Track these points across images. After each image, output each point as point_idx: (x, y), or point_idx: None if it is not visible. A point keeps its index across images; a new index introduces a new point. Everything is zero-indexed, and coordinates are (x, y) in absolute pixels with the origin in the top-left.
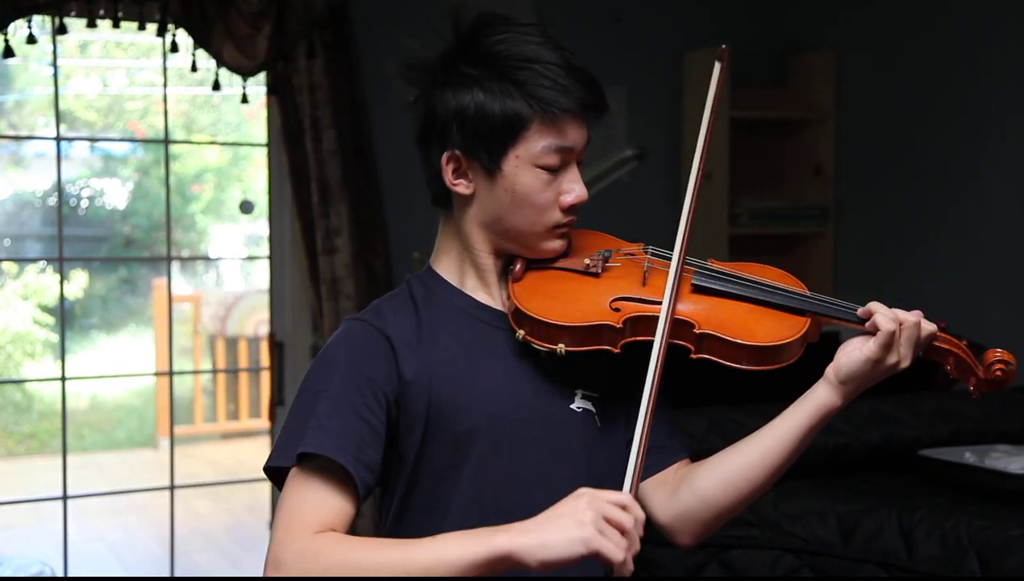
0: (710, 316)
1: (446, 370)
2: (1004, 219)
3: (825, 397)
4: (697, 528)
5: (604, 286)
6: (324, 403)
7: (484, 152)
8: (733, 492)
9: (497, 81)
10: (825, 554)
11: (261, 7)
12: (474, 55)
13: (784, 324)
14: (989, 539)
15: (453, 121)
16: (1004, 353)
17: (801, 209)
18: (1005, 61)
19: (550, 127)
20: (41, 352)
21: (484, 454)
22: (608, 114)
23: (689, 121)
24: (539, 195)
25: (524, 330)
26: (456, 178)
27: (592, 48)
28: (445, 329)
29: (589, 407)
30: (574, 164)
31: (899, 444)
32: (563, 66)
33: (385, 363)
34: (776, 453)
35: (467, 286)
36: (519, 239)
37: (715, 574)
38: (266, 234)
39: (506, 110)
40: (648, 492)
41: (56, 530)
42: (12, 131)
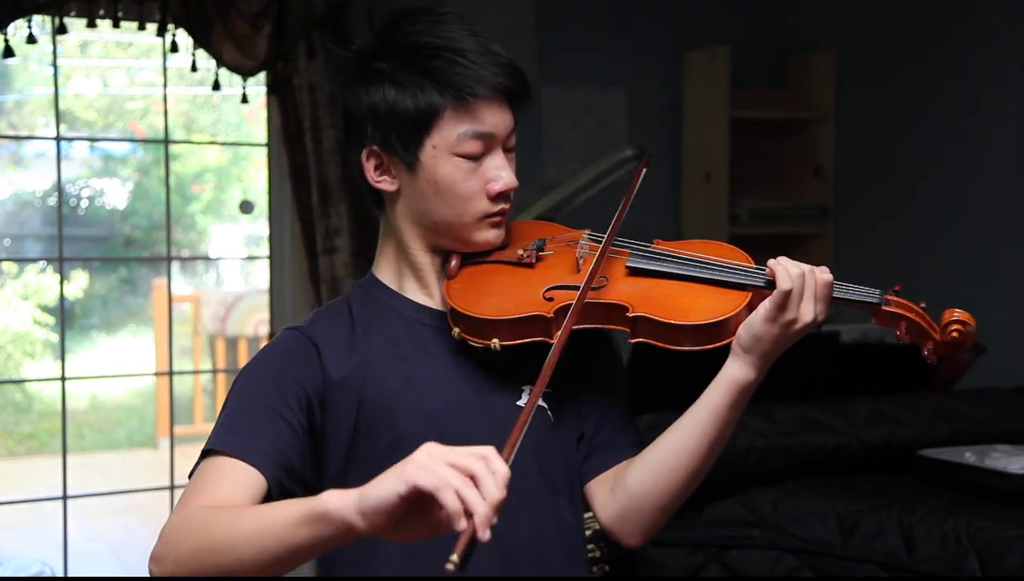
0: (644, 298)
1: (380, 373)
2: (1004, 219)
3: (735, 371)
4: (639, 526)
5: (538, 276)
6: (239, 403)
7: (400, 145)
8: (664, 483)
9: (407, 73)
10: (825, 554)
11: (261, 7)
12: (386, 49)
13: (723, 300)
14: (989, 539)
15: (368, 118)
16: (962, 313)
17: (801, 209)
18: (1005, 61)
19: (464, 113)
20: (41, 352)
21: None
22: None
23: (689, 121)
24: (462, 184)
25: (459, 328)
26: (379, 175)
27: (592, 48)
28: (381, 334)
29: (539, 402)
30: (499, 150)
31: (899, 444)
32: (478, 51)
33: (309, 365)
34: (698, 437)
35: (406, 289)
36: (450, 232)
37: (715, 574)
38: (266, 234)
39: (417, 100)
40: (592, 493)
41: (56, 530)
42: (12, 131)
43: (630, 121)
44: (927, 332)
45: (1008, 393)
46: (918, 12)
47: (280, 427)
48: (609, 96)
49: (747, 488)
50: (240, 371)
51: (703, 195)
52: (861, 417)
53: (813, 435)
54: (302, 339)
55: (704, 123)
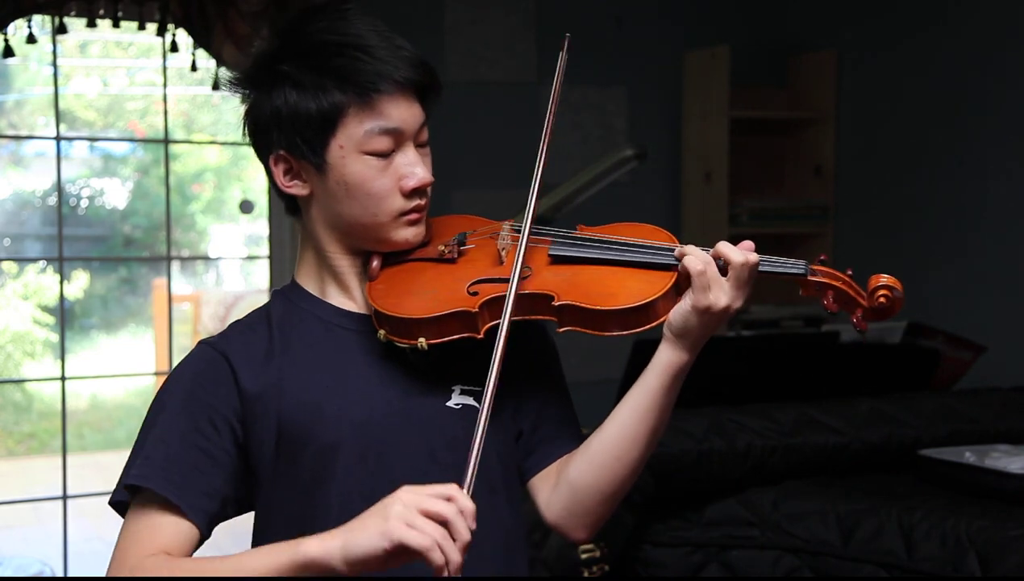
0: (569, 285)
1: (300, 383)
2: (1004, 218)
3: (668, 355)
4: (584, 519)
5: (460, 271)
6: (154, 433)
7: (307, 148)
8: (606, 473)
9: (308, 73)
10: (825, 554)
11: (261, 7)
12: (288, 50)
13: (647, 282)
14: (989, 539)
15: (272, 123)
16: (889, 278)
17: (801, 209)
18: (1005, 61)
19: (368, 110)
20: (41, 352)
21: (351, 464)
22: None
23: (689, 121)
24: (373, 183)
25: (385, 329)
26: (289, 181)
27: (592, 48)
28: (302, 342)
29: (470, 402)
30: (410, 145)
31: (899, 444)
32: (382, 47)
33: (222, 386)
34: (636, 423)
35: (328, 294)
36: (366, 233)
37: (715, 574)
38: (266, 234)
39: (320, 101)
40: (536, 489)
41: (56, 530)
42: (12, 131)
43: (630, 121)
44: (854, 299)
45: (1008, 393)
46: (918, 12)
47: (198, 458)
48: (609, 96)
49: (747, 488)
50: (155, 396)
51: (703, 195)
52: (861, 417)
53: (813, 435)
54: (213, 355)
55: (704, 123)
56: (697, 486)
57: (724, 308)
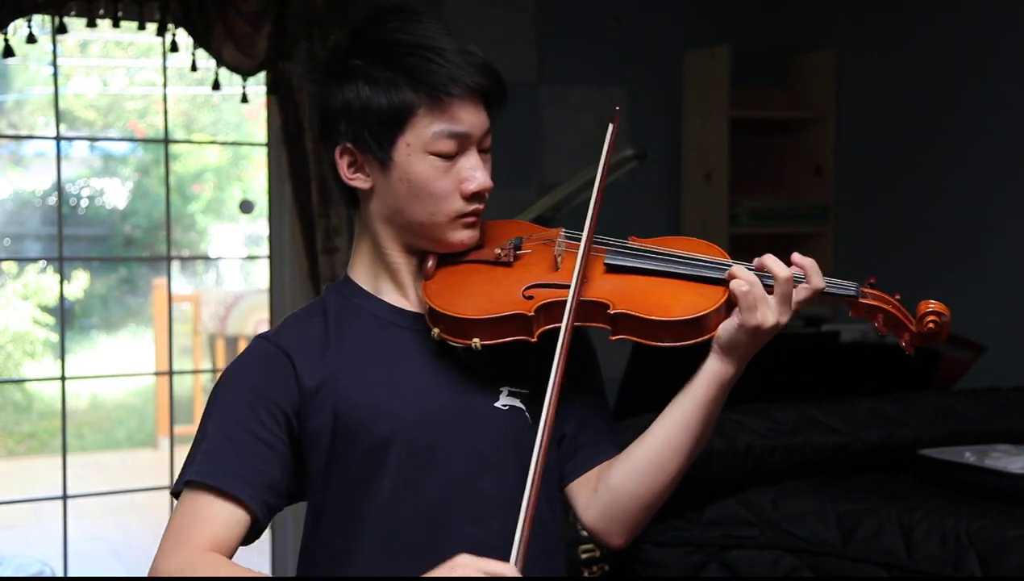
0: (624, 295)
1: (355, 378)
2: (1005, 218)
3: (715, 367)
4: (623, 525)
5: (516, 275)
6: (214, 426)
7: (374, 142)
8: (648, 480)
9: (382, 70)
10: (825, 554)
11: (261, 7)
12: (362, 47)
13: (701, 295)
14: (989, 539)
15: (342, 115)
16: (937, 304)
17: (801, 209)
18: (1006, 61)
19: (439, 112)
20: (41, 352)
21: (402, 460)
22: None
23: (689, 121)
24: (436, 183)
25: (439, 328)
26: (352, 173)
27: (592, 48)
28: (356, 337)
29: (517, 404)
30: (474, 150)
31: (899, 444)
32: (454, 51)
33: (281, 378)
34: (681, 433)
35: (382, 291)
36: (423, 232)
37: (715, 574)
38: (266, 234)
39: (391, 98)
40: (574, 494)
41: (56, 530)
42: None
43: (630, 121)
44: (904, 323)
45: (1008, 393)
46: (918, 12)
47: (259, 449)
48: (609, 96)
49: (747, 488)
50: (213, 389)
51: (703, 195)
52: (861, 417)
53: (813, 435)
54: (272, 350)
55: (704, 123)
56: (697, 486)
57: (772, 326)
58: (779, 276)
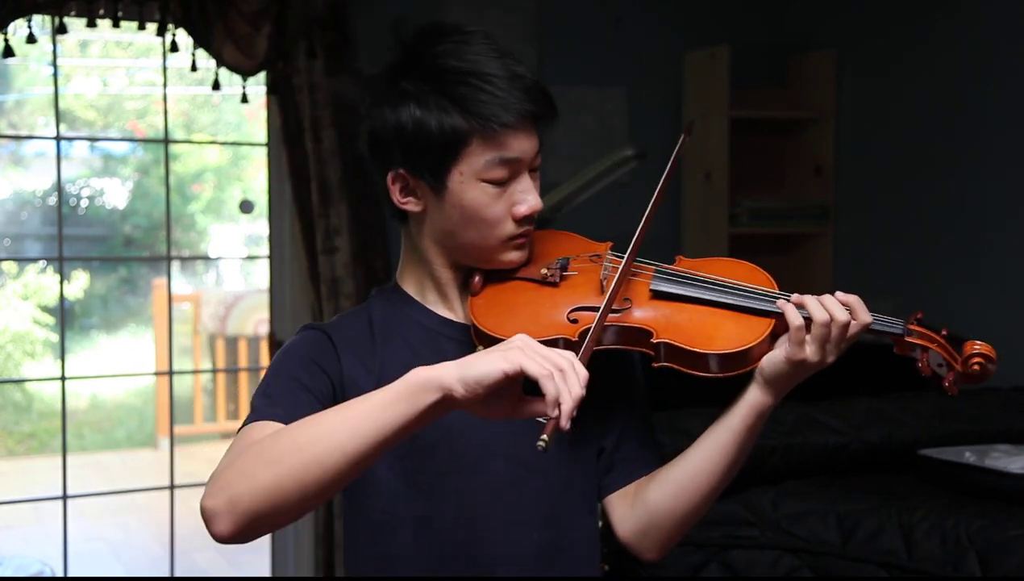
0: (668, 323)
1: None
2: (1004, 218)
3: (756, 397)
4: (657, 541)
5: (561, 296)
6: (272, 383)
7: (427, 170)
8: (684, 500)
9: (434, 96)
10: (825, 554)
11: (261, 7)
12: (414, 69)
13: (746, 328)
14: (989, 539)
15: (394, 140)
16: (983, 346)
17: (801, 209)
18: (1006, 61)
19: (491, 142)
20: (41, 352)
21: (445, 466)
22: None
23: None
24: (489, 209)
25: (483, 345)
26: (404, 197)
27: (592, 48)
28: (402, 342)
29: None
30: (525, 174)
31: (899, 444)
32: (504, 76)
33: (330, 357)
34: (718, 457)
35: (428, 300)
36: (474, 254)
37: (715, 574)
38: (266, 234)
39: (444, 127)
40: (611, 506)
41: (56, 530)
42: (12, 131)
43: (630, 121)
44: (948, 362)
45: (1008, 393)
46: (918, 12)
47: (311, 400)
48: (609, 96)
49: (747, 488)
50: (270, 364)
51: (703, 195)
52: (861, 417)
53: (813, 435)
54: (322, 335)
55: (704, 123)
56: None
57: (817, 363)
58: (837, 319)
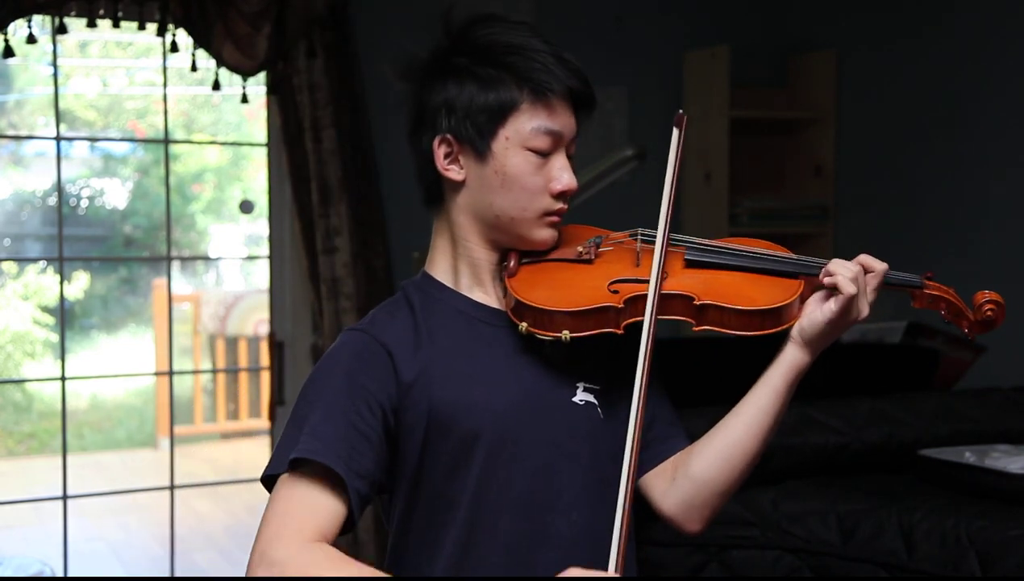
0: (708, 288)
1: (446, 371)
2: (1004, 218)
3: (795, 356)
4: (702, 512)
5: (599, 271)
6: (318, 412)
7: (475, 133)
8: (728, 468)
9: (486, 67)
10: (825, 554)
11: (261, 7)
12: (464, 47)
13: (779, 287)
14: (989, 539)
15: (443, 108)
16: (992, 294)
17: (801, 209)
18: (1006, 61)
19: (540, 108)
20: (41, 352)
21: (490, 451)
22: (606, 114)
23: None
24: (529, 178)
25: (527, 322)
26: (448, 163)
27: (592, 48)
28: (444, 331)
29: (591, 399)
30: (563, 152)
31: (899, 444)
32: (551, 54)
33: (381, 371)
34: (761, 419)
35: (462, 286)
36: (510, 227)
37: (715, 574)
38: (266, 234)
39: (498, 92)
40: (649, 484)
41: (56, 530)
42: (12, 131)
43: (630, 121)
44: (963, 312)
45: (1008, 393)
46: (918, 12)
47: (357, 438)
48: (609, 96)
49: (747, 488)
50: (308, 379)
51: (703, 195)
52: (861, 417)
53: (813, 435)
54: (371, 342)
55: (704, 123)
56: None
57: (864, 316)
58: (876, 269)
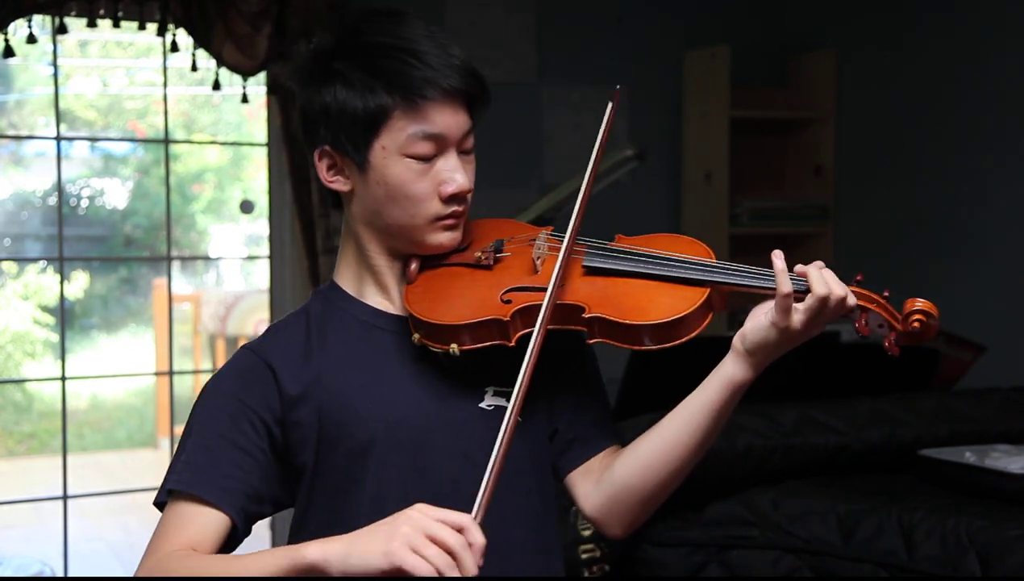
0: (601, 297)
1: (337, 382)
2: (1004, 218)
3: (734, 370)
4: (624, 517)
5: (495, 278)
6: (195, 437)
7: (351, 146)
8: (652, 476)
9: (360, 72)
10: (825, 554)
11: (261, 7)
12: (343, 49)
13: (679, 297)
14: (989, 539)
15: (321, 118)
16: (924, 303)
17: (801, 209)
18: (1006, 61)
19: (413, 114)
20: (41, 352)
21: (384, 464)
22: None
23: (689, 121)
24: (413, 186)
25: (419, 333)
26: (332, 176)
27: (592, 48)
28: (339, 341)
29: (502, 403)
30: (453, 152)
31: (899, 444)
32: (434, 54)
33: (263, 387)
34: (691, 433)
35: (366, 294)
36: (403, 234)
37: (715, 574)
38: (266, 234)
39: (367, 101)
40: (574, 484)
41: (56, 530)
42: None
43: (630, 121)
44: (889, 322)
45: (1008, 393)
46: (918, 12)
47: (238, 457)
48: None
49: (747, 488)
50: (195, 401)
51: (703, 195)
52: (861, 417)
53: (813, 435)
54: (254, 360)
55: (704, 123)
56: (697, 486)
57: (799, 333)
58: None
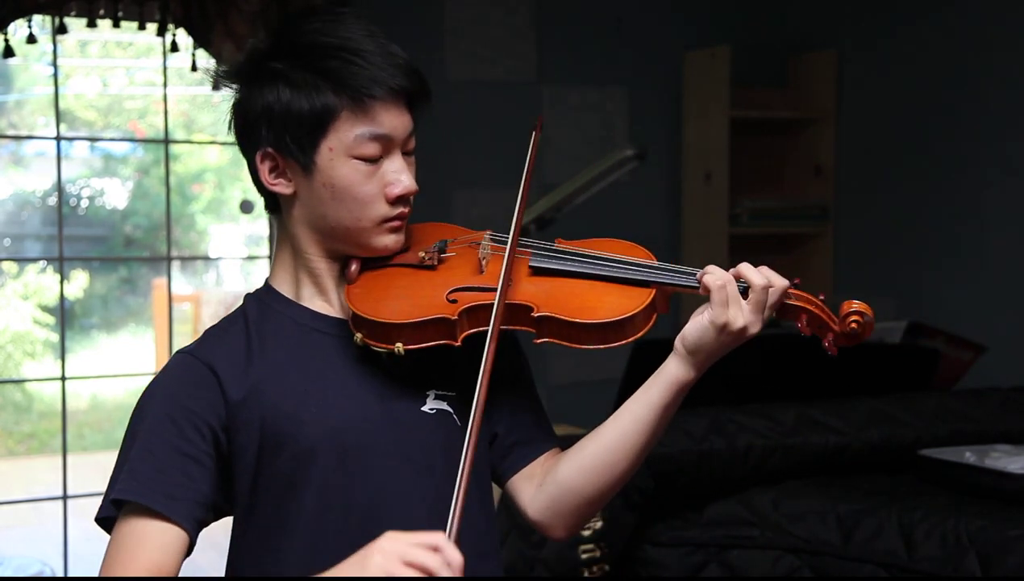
0: (548, 298)
1: (278, 387)
2: (1004, 218)
3: (676, 371)
4: (567, 520)
5: (440, 278)
6: (137, 445)
7: (296, 147)
8: (595, 478)
9: (303, 73)
10: (825, 554)
11: (261, 7)
12: (282, 49)
13: (626, 297)
14: (989, 539)
15: (262, 119)
16: (860, 304)
17: (801, 209)
18: (1006, 61)
19: (360, 115)
20: (41, 352)
21: (327, 469)
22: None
23: (689, 121)
24: (360, 187)
25: (362, 333)
26: (274, 178)
27: (592, 48)
28: (278, 345)
29: (444, 407)
30: (398, 153)
31: (899, 444)
32: (376, 52)
33: (206, 392)
34: (633, 434)
35: (303, 297)
36: (348, 237)
37: (715, 574)
38: (266, 234)
39: (313, 101)
40: (517, 488)
41: (56, 530)
42: (12, 131)
43: (630, 121)
44: (827, 324)
45: (1008, 393)
46: (918, 12)
47: (186, 464)
48: (609, 96)
49: (747, 488)
50: (135, 408)
51: (703, 195)
52: (861, 417)
53: (813, 435)
54: (195, 364)
55: (704, 123)
56: (697, 486)
57: (741, 329)
58: (754, 282)
